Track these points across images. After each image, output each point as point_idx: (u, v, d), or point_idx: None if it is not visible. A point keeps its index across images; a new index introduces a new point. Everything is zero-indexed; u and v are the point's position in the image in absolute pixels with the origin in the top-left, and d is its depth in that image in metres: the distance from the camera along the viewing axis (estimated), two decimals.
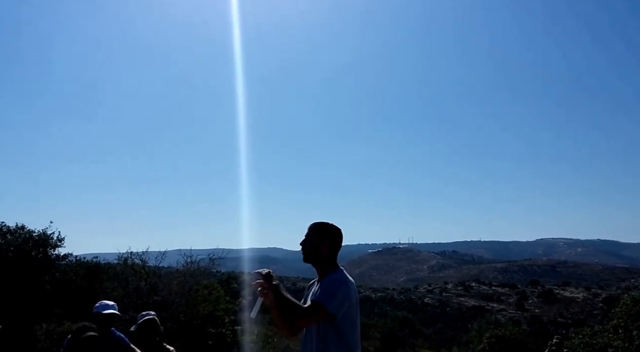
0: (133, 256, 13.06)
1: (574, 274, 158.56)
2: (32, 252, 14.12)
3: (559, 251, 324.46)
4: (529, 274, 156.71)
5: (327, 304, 3.09)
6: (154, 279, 12.64)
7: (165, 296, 12.24)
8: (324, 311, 3.09)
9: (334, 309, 3.11)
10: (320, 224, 3.44)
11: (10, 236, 14.07)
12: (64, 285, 13.97)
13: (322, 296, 3.14)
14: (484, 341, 20.19)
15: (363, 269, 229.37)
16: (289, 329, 3.27)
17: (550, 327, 57.19)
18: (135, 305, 11.21)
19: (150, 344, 5.34)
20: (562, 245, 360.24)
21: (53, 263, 14.60)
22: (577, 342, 15.21)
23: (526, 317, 69.32)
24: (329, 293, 3.13)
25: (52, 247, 14.55)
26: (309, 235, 3.41)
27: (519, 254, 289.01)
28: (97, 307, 5.16)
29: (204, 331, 12.77)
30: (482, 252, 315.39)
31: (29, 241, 14.17)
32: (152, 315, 5.45)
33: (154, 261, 13.23)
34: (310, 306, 3.13)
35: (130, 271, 12.72)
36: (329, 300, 3.11)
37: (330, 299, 3.11)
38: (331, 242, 3.40)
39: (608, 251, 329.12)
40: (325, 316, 3.11)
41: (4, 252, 13.56)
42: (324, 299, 3.11)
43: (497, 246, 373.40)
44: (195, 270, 13.41)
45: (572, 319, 65.39)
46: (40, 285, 13.68)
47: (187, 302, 12.54)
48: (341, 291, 3.17)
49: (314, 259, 3.39)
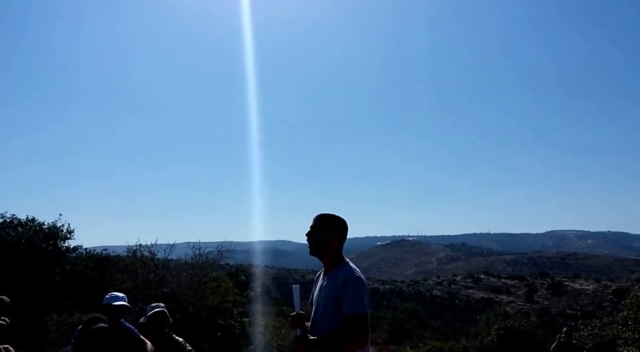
0: (142, 249, 13.11)
1: (583, 266, 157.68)
2: (43, 245, 14.19)
3: (568, 243, 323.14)
4: (539, 266, 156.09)
5: (360, 310, 3.05)
6: (162, 271, 12.68)
7: (174, 288, 12.29)
8: (362, 318, 3.04)
9: (366, 308, 3.09)
10: (326, 215, 3.36)
11: (21, 229, 14.14)
12: (74, 277, 14.05)
13: (351, 305, 3.05)
14: (492, 333, 20.14)
15: (372, 261, 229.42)
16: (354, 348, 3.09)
17: (559, 319, 57.00)
18: (144, 297, 11.26)
19: (160, 335, 5.37)
20: (572, 237, 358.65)
21: (63, 255, 14.67)
22: (586, 334, 15.18)
23: (535, 310, 69.09)
24: (354, 297, 3.07)
25: (62, 240, 14.63)
26: (314, 227, 3.34)
27: (528, 246, 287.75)
28: (107, 299, 5.20)
29: (212, 322, 12.81)
30: (491, 245, 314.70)
31: (40, 233, 14.23)
32: (161, 307, 5.47)
33: (163, 253, 13.29)
34: (350, 325, 3.03)
35: (140, 263, 12.77)
36: (360, 306, 3.06)
37: (360, 303, 3.06)
38: (337, 234, 3.31)
39: (618, 243, 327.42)
40: (366, 319, 3.06)
41: (15, 244, 13.65)
42: (356, 308, 3.04)
43: (506, 238, 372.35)
44: (204, 262, 13.46)
45: (582, 311, 65.20)
46: (51, 277, 13.76)
47: (195, 294, 12.58)
48: (361, 288, 3.13)
49: (320, 251, 3.32)
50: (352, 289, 3.09)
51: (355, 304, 3.04)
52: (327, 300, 3.18)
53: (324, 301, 3.23)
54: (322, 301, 3.24)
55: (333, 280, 3.21)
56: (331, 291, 3.18)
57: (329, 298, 3.17)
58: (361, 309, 3.04)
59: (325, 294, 3.23)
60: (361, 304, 3.06)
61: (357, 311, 3.03)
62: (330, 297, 3.17)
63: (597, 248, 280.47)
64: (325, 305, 3.20)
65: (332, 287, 3.19)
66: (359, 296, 3.07)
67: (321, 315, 3.23)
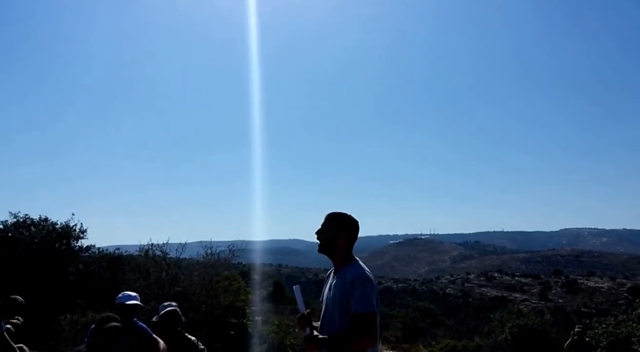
0: (154, 248, 13.16)
1: (598, 264, 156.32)
2: (56, 244, 14.29)
3: (583, 241, 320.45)
4: (553, 264, 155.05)
5: (368, 310, 3.05)
6: (175, 270, 12.71)
7: (186, 287, 12.32)
8: (370, 317, 3.05)
9: (374, 307, 3.09)
10: (337, 214, 3.37)
11: (34, 228, 14.24)
12: (87, 276, 14.10)
13: (359, 304, 3.06)
14: (506, 331, 20.00)
15: (385, 260, 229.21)
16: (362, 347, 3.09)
17: (573, 317, 56.55)
18: (156, 296, 11.29)
19: (173, 334, 5.39)
20: (587, 235, 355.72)
21: (76, 255, 14.75)
22: (600, 332, 15.02)
23: (549, 308, 68.60)
24: (362, 297, 3.07)
25: (74, 239, 14.71)
26: (324, 225, 3.36)
27: (542, 245, 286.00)
28: (120, 298, 5.23)
29: (225, 321, 12.83)
30: (505, 243, 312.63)
31: (52, 233, 14.32)
32: (173, 306, 5.49)
33: (175, 252, 13.32)
34: (357, 324, 3.03)
35: (151, 263, 12.81)
36: (368, 305, 3.06)
37: (368, 303, 3.06)
38: (347, 233, 3.32)
39: (633, 241, 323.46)
40: (374, 319, 3.07)
41: (29, 244, 13.74)
42: (364, 307, 3.05)
43: (520, 236, 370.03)
44: (216, 261, 13.49)
45: (596, 309, 64.56)
46: (64, 276, 13.84)
47: (207, 293, 12.60)
48: (369, 288, 3.12)
49: (330, 250, 3.34)
50: (360, 288, 3.09)
51: (363, 303, 3.05)
52: (336, 299, 3.20)
53: (332, 299, 3.24)
54: (331, 299, 3.25)
55: (342, 279, 3.22)
56: (340, 290, 3.19)
57: (338, 297, 3.19)
58: (369, 308, 3.05)
59: (334, 293, 3.24)
60: (369, 303, 3.06)
61: (364, 310, 3.04)
62: (338, 296, 3.18)
63: (612, 246, 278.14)
64: (334, 304, 3.21)
65: (341, 286, 3.19)
66: (367, 296, 3.08)
67: (330, 314, 3.24)
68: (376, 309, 3.10)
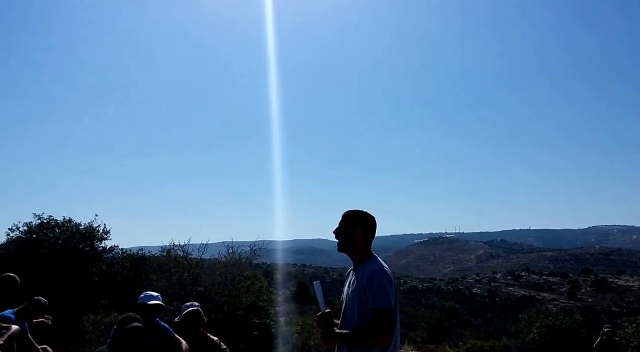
0: (176, 248, 13.22)
1: (629, 262, 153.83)
2: (80, 246, 14.45)
3: (613, 239, 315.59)
4: (582, 263, 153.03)
5: (385, 305, 3.05)
6: (197, 271, 12.73)
7: (209, 287, 12.31)
8: (387, 313, 3.05)
9: (392, 303, 3.09)
10: (353, 212, 3.39)
11: (58, 230, 14.41)
12: (110, 277, 14.23)
13: (376, 299, 3.06)
14: (534, 331, 19.73)
15: (410, 259, 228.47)
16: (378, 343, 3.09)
17: (604, 317, 55.64)
18: (179, 296, 11.31)
19: (195, 334, 5.43)
20: (617, 232, 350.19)
21: (100, 256, 14.91)
22: (630, 332, 14.72)
23: (579, 307, 67.55)
24: (379, 292, 3.07)
25: (98, 240, 14.87)
26: (342, 223, 3.38)
27: (571, 243, 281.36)
28: (142, 298, 5.26)
29: (248, 321, 12.80)
30: (532, 241, 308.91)
31: (77, 235, 14.50)
32: (196, 306, 5.55)
33: (197, 252, 13.35)
34: (374, 320, 3.04)
35: (174, 263, 12.85)
36: (384, 301, 3.06)
37: (385, 298, 3.07)
38: (364, 230, 3.34)
39: None
40: (391, 314, 3.08)
41: (53, 245, 13.90)
42: (381, 303, 3.05)
43: (548, 234, 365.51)
44: (237, 261, 13.46)
45: (628, 309, 63.40)
46: (88, 277, 13.97)
47: (230, 293, 12.59)
48: (386, 283, 3.11)
49: (348, 248, 3.35)
50: (377, 283, 3.11)
51: (379, 298, 3.07)
52: (355, 296, 3.22)
53: (352, 296, 3.27)
54: (351, 297, 3.28)
55: (360, 275, 3.25)
56: (358, 287, 3.21)
57: (357, 294, 3.21)
58: (386, 304, 3.06)
59: (353, 290, 3.26)
60: (386, 299, 3.07)
61: (381, 305, 3.05)
62: (357, 292, 3.21)
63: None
64: (353, 301, 3.24)
65: (359, 283, 3.21)
66: (384, 291, 3.08)
67: (350, 311, 3.26)
68: (393, 305, 3.10)
